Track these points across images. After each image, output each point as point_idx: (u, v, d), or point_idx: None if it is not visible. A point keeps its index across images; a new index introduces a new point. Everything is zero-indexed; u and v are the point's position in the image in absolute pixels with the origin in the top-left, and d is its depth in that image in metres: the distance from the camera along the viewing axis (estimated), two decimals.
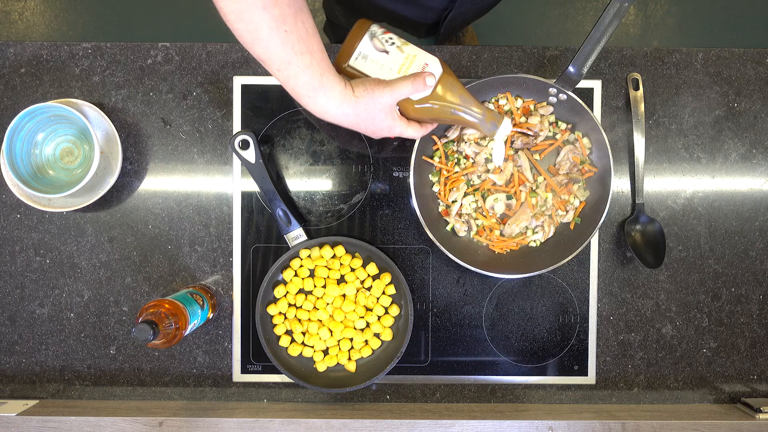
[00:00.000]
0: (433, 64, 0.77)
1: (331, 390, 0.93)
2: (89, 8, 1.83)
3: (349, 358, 0.95)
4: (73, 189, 0.88)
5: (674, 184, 0.98)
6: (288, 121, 0.97)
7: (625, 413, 0.93)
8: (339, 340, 0.95)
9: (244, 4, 0.63)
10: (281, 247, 0.96)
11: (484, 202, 0.94)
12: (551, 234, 0.95)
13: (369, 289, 0.95)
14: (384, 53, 0.75)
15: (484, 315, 0.98)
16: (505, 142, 0.91)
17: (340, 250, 0.95)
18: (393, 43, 0.75)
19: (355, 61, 0.74)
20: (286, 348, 0.95)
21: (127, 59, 0.96)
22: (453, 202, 0.94)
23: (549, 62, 0.98)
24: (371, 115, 0.75)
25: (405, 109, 0.78)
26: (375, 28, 0.75)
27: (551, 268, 0.90)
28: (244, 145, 0.92)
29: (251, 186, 0.96)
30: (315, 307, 0.94)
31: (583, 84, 0.96)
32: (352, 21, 0.79)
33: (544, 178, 0.94)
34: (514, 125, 0.93)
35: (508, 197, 0.94)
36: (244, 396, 0.97)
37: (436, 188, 0.95)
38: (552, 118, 0.94)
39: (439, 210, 0.96)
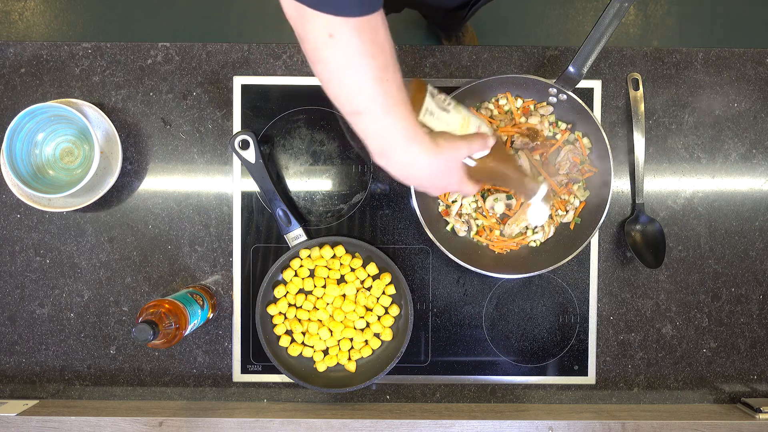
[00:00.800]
0: (484, 126, 0.79)
1: (331, 390, 0.93)
2: (89, 8, 1.83)
3: (349, 358, 0.95)
4: (73, 189, 0.88)
5: (674, 184, 0.98)
6: (288, 121, 0.97)
7: (625, 413, 0.93)
8: (339, 340, 0.95)
9: (351, 56, 0.59)
10: (281, 247, 0.96)
11: (484, 202, 0.94)
12: (551, 234, 0.95)
13: (369, 289, 0.95)
14: (445, 112, 0.76)
15: (484, 315, 0.98)
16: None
17: (340, 250, 0.95)
18: (449, 104, 0.77)
19: (424, 117, 0.75)
20: (286, 348, 0.95)
21: (127, 59, 0.96)
22: (453, 202, 0.94)
23: (549, 62, 0.98)
24: (450, 167, 0.74)
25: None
26: (431, 88, 0.77)
27: (551, 268, 0.90)
28: (244, 145, 0.92)
29: (251, 186, 0.96)
30: (315, 307, 0.94)
31: (583, 84, 0.96)
32: None
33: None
34: (514, 125, 0.93)
35: (508, 197, 0.94)
36: (244, 396, 0.97)
37: None
38: (552, 118, 0.94)
39: (439, 210, 0.96)
